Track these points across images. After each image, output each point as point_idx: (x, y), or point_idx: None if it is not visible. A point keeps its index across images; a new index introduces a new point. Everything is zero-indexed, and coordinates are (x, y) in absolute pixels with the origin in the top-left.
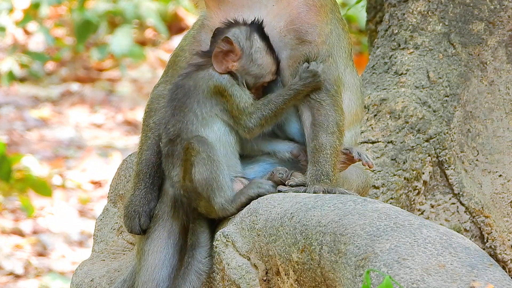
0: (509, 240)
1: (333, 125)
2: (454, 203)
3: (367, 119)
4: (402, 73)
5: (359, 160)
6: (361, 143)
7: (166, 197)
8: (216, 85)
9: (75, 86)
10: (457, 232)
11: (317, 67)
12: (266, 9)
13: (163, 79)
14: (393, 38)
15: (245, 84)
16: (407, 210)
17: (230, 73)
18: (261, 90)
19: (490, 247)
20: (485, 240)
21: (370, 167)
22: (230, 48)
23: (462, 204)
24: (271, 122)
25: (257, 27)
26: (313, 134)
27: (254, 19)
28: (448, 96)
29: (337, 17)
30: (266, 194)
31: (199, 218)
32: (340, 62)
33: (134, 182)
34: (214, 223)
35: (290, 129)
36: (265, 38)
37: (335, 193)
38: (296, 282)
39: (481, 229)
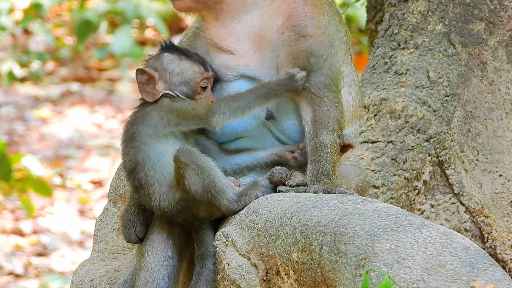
0: (509, 240)
1: (334, 122)
2: (454, 203)
3: (367, 119)
4: (402, 73)
5: (342, 142)
6: (361, 143)
7: None
8: (161, 106)
9: (75, 86)
10: (457, 232)
11: (296, 71)
12: (262, 10)
13: None
14: (393, 38)
15: (183, 97)
16: (407, 210)
17: (164, 96)
18: (210, 93)
19: (490, 247)
20: (485, 240)
21: (352, 147)
22: (147, 76)
23: (462, 204)
24: (236, 115)
25: (166, 46)
26: (313, 131)
27: (161, 43)
28: (448, 96)
29: (334, 9)
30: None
31: (204, 228)
32: (340, 54)
33: (130, 192)
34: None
35: (286, 125)
36: (176, 50)
37: (335, 193)
38: (296, 282)
39: (481, 229)
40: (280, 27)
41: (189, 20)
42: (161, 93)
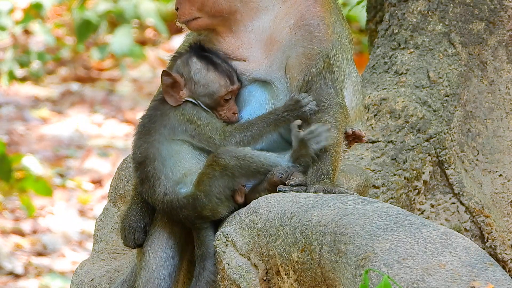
0: (509, 240)
1: (332, 121)
2: (454, 203)
3: (367, 118)
4: (402, 73)
5: (353, 133)
6: None
7: None
8: (182, 113)
9: (75, 86)
10: (457, 232)
11: (301, 97)
12: (273, 13)
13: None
14: (393, 38)
15: (205, 108)
16: (407, 210)
17: (186, 102)
18: (232, 104)
19: (490, 247)
20: (485, 240)
21: (362, 137)
22: (172, 80)
23: (462, 204)
24: (249, 145)
25: (196, 49)
26: None
27: (192, 43)
28: (448, 96)
29: (338, 7)
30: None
31: (206, 227)
32: (345, 53)
33: (131, 196)
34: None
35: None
36: (204, 57)
37: (335, 192)
38: (296, 282)
39: (481, 229)
40: (293, 27)
41: None
42: (183, 100)
